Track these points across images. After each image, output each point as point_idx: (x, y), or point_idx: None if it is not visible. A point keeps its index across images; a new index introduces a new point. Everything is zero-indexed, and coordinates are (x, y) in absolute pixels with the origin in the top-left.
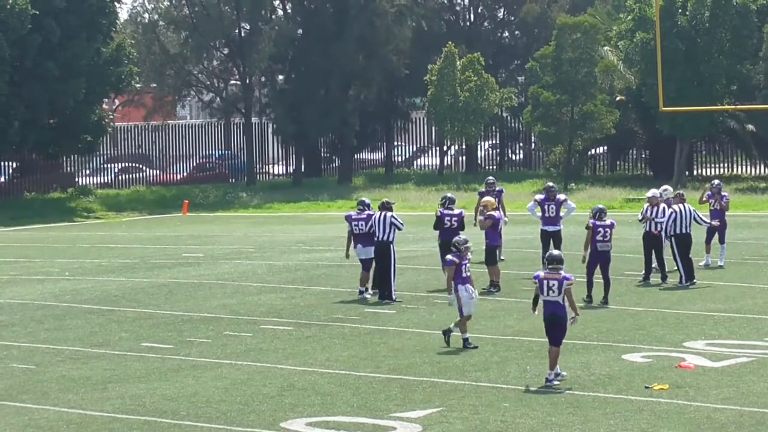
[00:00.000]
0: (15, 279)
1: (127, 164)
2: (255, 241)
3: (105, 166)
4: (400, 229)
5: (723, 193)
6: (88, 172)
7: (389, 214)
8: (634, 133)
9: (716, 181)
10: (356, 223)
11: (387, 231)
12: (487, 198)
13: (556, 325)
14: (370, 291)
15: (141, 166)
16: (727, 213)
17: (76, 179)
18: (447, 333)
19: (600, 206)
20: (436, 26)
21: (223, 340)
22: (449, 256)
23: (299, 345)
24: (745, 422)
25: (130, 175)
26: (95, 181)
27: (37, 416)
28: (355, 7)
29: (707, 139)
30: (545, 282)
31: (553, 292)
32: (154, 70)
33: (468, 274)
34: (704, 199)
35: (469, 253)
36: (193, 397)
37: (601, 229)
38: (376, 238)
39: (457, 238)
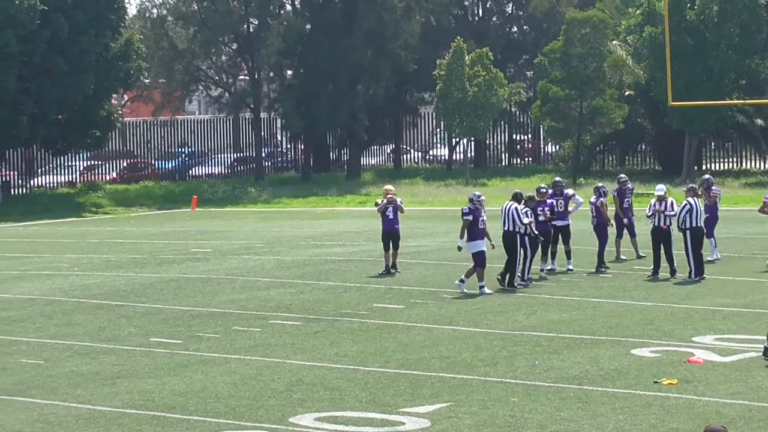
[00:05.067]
0: (24, 274)
1: (93, 162)
2: (264, 236)
3: (71, 164)
4: (521, 222)
5: (714, 188)
6: (41, 170)
7: (515, 205)
8: (643, 128)
9: (706, 176)
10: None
11: (511, 221)
12: (387, 186)
13: None
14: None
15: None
16: (721, 208)
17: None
18: None
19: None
20: (445, 21)
21: (231, 335)
22: None
23: (308, 340)
24: (754, 417)
25: (96, 174)
26: (58, 180)
27: (47, 411)
28: (363, 2)
29: (716, 133)
30: None
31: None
32: (163, 65)
33: None
34: (699, 193)
35: None
36: (201, 393)
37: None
38: (504, 229)
39: None
